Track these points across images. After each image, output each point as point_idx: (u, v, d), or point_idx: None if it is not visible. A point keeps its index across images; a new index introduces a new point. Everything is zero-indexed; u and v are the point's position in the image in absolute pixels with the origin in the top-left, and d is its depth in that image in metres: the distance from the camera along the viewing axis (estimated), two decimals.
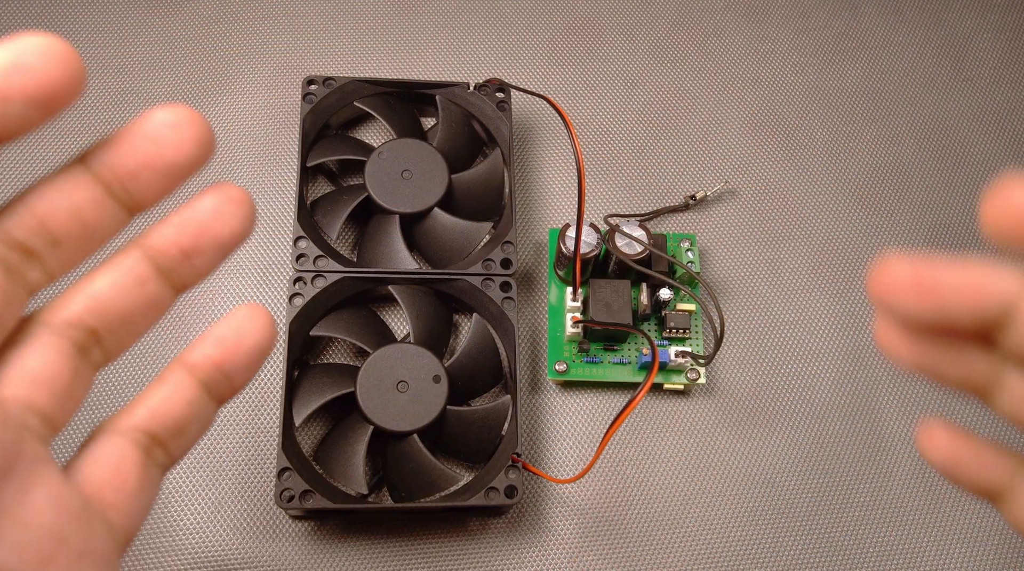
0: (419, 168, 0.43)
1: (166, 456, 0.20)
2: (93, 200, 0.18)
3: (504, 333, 0.41)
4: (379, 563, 0.39)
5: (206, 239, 0.19)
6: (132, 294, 0.19)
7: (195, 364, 0.20)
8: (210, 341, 0.20)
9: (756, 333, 0.45)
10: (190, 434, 0.20)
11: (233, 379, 0.20)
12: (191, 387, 0.20)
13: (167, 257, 0.19)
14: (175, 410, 0.19)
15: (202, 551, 0.39)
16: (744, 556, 0.41)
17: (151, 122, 0.18)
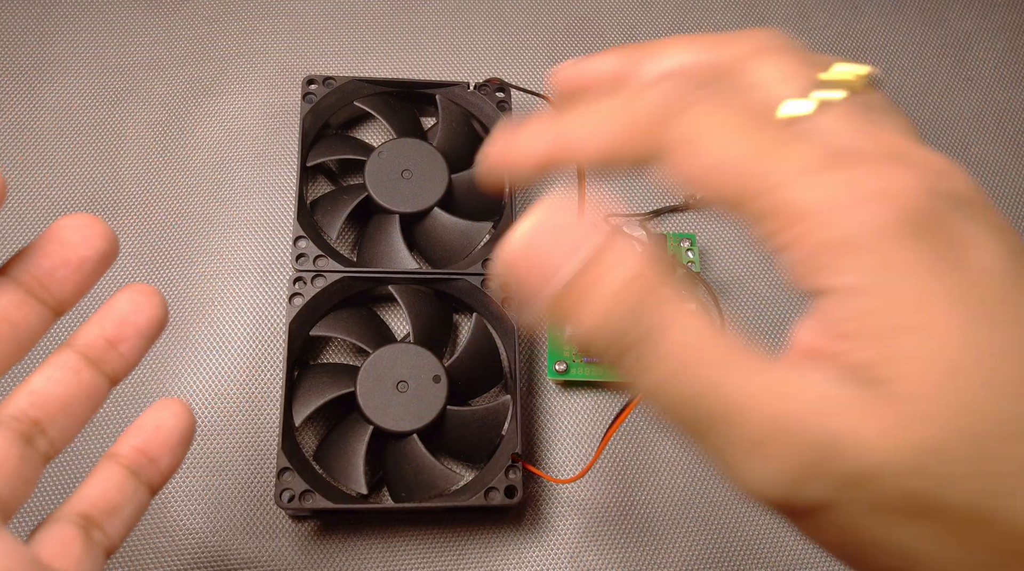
0: (419, 168, 0.43)
1: (104, 537, 0.22)
2: (17, 302, 0.20)
3: (504, 333, 0.41)
4: (379, 563, 0.39)
5: (127, 328, 0.22)
6: (68, 385, 0.21)
7: (120, 454, 0.23)
8: (132, 432, 0.23)
9: (756, 333, 0.45)
10: (124, 515, 0.23)
11: (159, 463, 0.23)
12: (119, 474, 0.22)
13: (95, 349, 0.22)
14: (106, 494, 0.22)
15: (202, 551, 0.39)
16: (744, 556, 0.41)
17: (59, 229, 0.21)
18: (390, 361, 0.39)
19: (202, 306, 0.44)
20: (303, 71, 0.46)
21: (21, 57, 0.48)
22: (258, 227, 0.45)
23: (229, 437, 0.41)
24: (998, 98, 0.52)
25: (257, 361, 0.43)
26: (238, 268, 0.44)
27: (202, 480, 0.40)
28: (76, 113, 0.47)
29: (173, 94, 0.48)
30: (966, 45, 0.54)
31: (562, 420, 0.43)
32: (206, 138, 0.47)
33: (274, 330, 0.43)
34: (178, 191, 0.46)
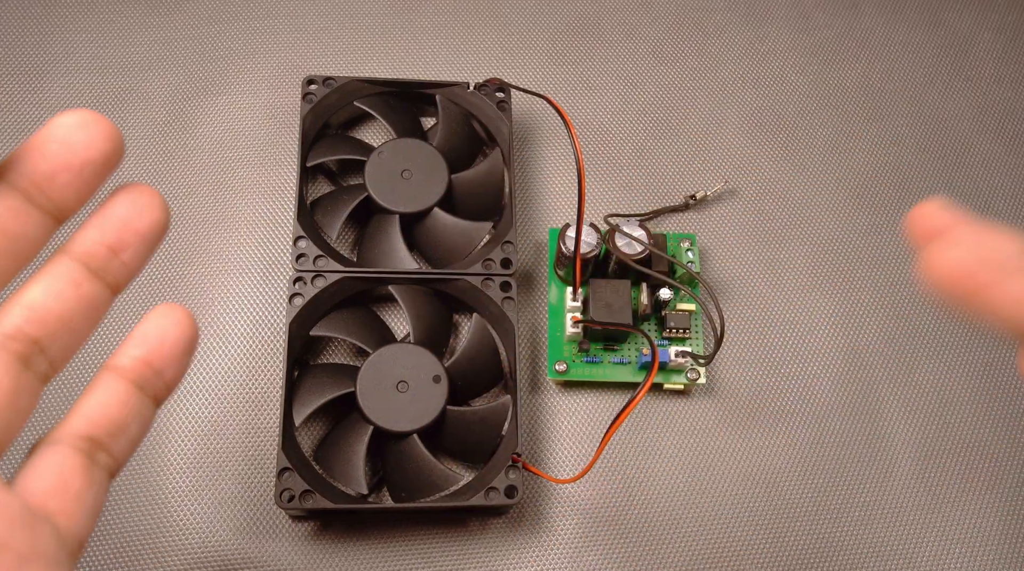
0: (419, 168, 0.43)
1: (109, 458, 0.20)
2: (14, 210, 0.18)
3: (504, 333, 0.41)
4: (379, 563, 0.39)
5: (129, 233, 0.20)
6: (68, 298, 0.19)
7: (123, 366, 0.20)
8: (134, 342, 0.21)
9: (756, 333, 0.45)
10: (130, 434, 0.20)
11: (164, 375, 0.21)
12: (123, 388, 0.20)
13: (95, 257, 0.20)
14: (111, 412, 0.20)
15: (202, 551, 0.39)
16: (744, 556, 0.41)
17: (58, 127, 0.19)
18: (390, 361, 0.39)
19: (202, 306, 0.44)
20: (303, 71, 0.46)
21: (21, 57, 0.48)
22: (258, 227, 0.45)
23: (229, 437, 0.41)
24: (998, 98, 0.52)
25: (257, 361, 0.43)
26: (238, 268, 0.44)
27: (202, 480, 0.40)
28: None
29: (173, 94, 0.48)
30: (966, 45, 0.54)
31: (562, 420, 0.43)
32: (206, 138, 0.47)
33: (274, 330, 0.43)
34: (178, 191, 0.46)
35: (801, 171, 0.49)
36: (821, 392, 0.44)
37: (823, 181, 0.49)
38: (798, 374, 0.44)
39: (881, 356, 0.45)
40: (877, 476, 0.43)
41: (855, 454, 0.43)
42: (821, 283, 0.47)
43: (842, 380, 0.44)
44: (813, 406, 0.44)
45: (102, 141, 0.19)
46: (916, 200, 0.51)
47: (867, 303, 0.46)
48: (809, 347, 0.45)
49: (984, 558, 0.41)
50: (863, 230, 0.48)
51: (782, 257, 0.47)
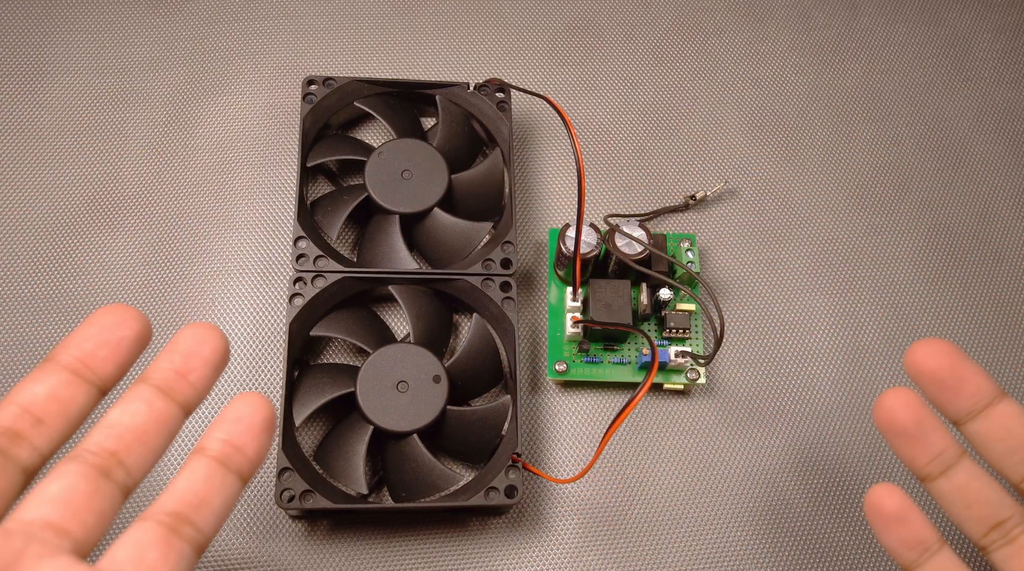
0: (419, 168, 0.43)
1: (194, 530, 0.22)
2: (64, 382, 0.22)
3: (504, 333, 0.41)
4: (379, 563, 0.39)
5: (194, 359, 0.23)
6: (142, 415, 0.22)
7: (207, 447, 0.23)
8: (219, 425, 0.23)
9: (756, 333, 0.45)
10: (215, 506, 0.23)
11: (245, 451, 0.23)
12: (208, 465, 0.23)
13: (166, 380, 0.23)
14: (195, 487, 0.22)
15: None
16: (744, 556, 0.41)
17: (97, 316, 0.23)
18: (390, 361, 0.39)
19: (202, 306, 0.44)
20: (303, 71, 0.46)
21: (21, 57, 0.48)
22: (258, 227, 0.45)
23: None
24: (998, 98, 0.52)
25: (257, 361, 0.43)
26: (238, 268, 0.45)
27: None
28: (77, 113, 0.47)
29: (173, 94, 0.48)
30: (966, 45, 0.54)
31: (562, 420, 0.43)
32: (206, 138, 0.47)
33: (274, 330, 0.43)
34: (178, 191, 0.46)
35: (801, 171, 0.49)
36: (821, 392, 0.44)
37: (823, 181, 0.49)
38: (798, 374, 0.44)
39: (881, 356, 0.45)
40: (876, 476, 0.43)
41: (855, 454, 0.43)
42: (821, 283, 0.47)
43: (842, 380, 0.44)
44: (813, 406, 0.44)
45: (133, 323, 0.23)
46: (916, 200, 0.52)
47: (867, 303, 0.46)
48: (809, 347, 0.45)
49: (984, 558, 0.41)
50: (863, 230, 0.48)
51: (782, 257, 0.47)
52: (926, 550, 0.27)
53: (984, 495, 0.26)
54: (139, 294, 0.43)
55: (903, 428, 0.26)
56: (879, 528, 0.27)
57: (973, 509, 0.26)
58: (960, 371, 0.25)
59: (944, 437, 0.26)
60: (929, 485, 0.27)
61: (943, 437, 0.26)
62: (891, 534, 0.27)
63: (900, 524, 0.27)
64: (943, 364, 0.25)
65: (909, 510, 0.27)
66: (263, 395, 0.24)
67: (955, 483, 0.26)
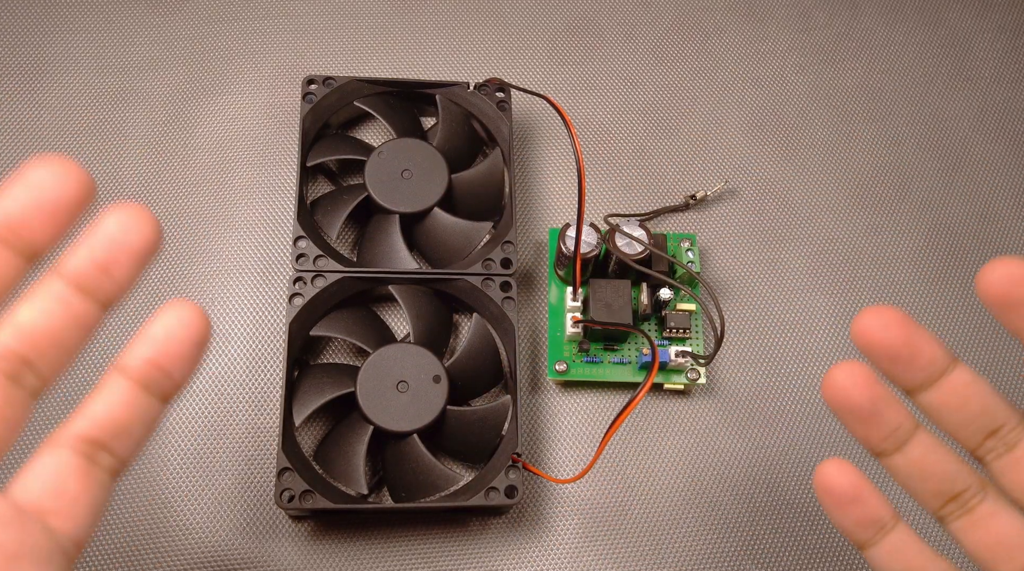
0: (419, 168, 0.43)
1: (112, 458, 0.20)
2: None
3: (504, 333, 0.41)
4: (379, 563, 0.39)
5: (119, 251, 0.20)
6: (58, 315, 0.19)
7: (129, 366, 0.20)
8: (142, 341, 0.21)
9: (756, 333, 0.45)
10: (135, 434, 0.21)
11: (172, 374, 0.21)
12: (129, 389, 0.20)
13: (86, 275, 0.20)
14: (114, 413, 0.20)
15: (202, 551, 0.39)
16: (744, 556, 0.41)
17: (31, 173, 0.19)
18: (390, 361, 0.39)
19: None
20: (303, 71, 0.46)
21: (21, 57, 0.48)
22: (258, 227, 0.45)
23: (229, 437, 0.41)
24: (998, 98, 0.52)
25: (257, 361, 0.43)
26: (238, 268, 0.44)
27: (202, 480, 0.40)
28: (76, 113, 0.47)
29: (173, 94, 0.48)
30: (966, 45, 0.54)
31: (562, 420, 0.43)
32: (206, 138, 0.47)
33: (274, 330, 0.43)
34: (178, 191, 0.46)
35: (801, 171, 0.49)
36: (821, 392, 0.44)
37: (823, 181, 0.49)
38: (798, 374, 0.44)
39: None
40: (876, 476, 0.42)
41: (855, 454, 0.43)
42: (821, 283, 0.47)
43: None
44: (813, 406, 0.44)
45: (75, 185, 0.19)
46: (916, 200, 0.52)
47: (867, 303, 0.46)
48: (809, 347, 0.45)
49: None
50: (863, 230, 0.48)
51: (782, 257, 0.47)
52: (881, 528, 0.26)
53: (941, 468, 0.25)
54: (139, 294, 0.43)
55: (856, 407, 0.24)
56: (831, 508, 0.25)
57: (930, 483, 0.25)
58: (914, 342, 0.24)
59: (899, 412, 0.25)
60: (884, 461, 0.26)
61: (898, 412, 0.25)
62: (844, 514, 0.26)
63: (853, 504, 0.25)
64: (896, 335, 0.24)
65: (863, 488, 0.25)
66: (196, 305, 0.21)
67: (911, 458, 0.25)
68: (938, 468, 0.25)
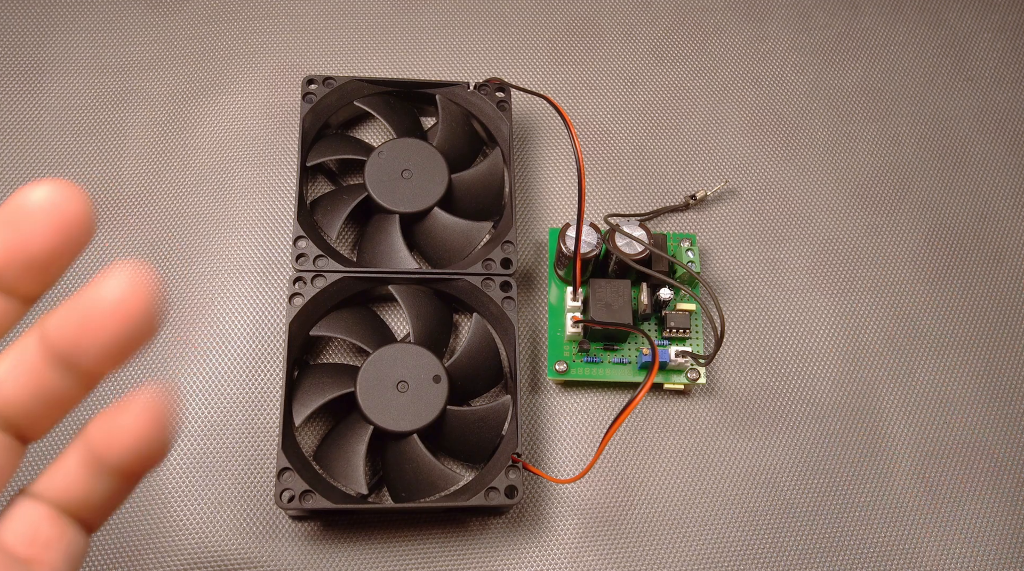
0: (419, 168, 0.43)
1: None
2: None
3: (504, 333, 0.41)
4: (379, 563, 0.39)
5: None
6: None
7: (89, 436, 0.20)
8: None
9: (756, 333, 0.45)
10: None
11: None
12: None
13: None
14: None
15: (202, 551, 0.39)
16: (744, 556, 0.41)
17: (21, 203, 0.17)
18: (390, 361, 0.39)
19: (202, 306, 0.44)
20: (303, 71, 0.46)
21: (21, 57, 0.48)
22: (258, 227, 0.45)
23: (229, 437, 0.41)
24: (998, 98, 0.52)
25: (257, 361, 0.43)
26: (238, 268, 0.44)
27: (202, 480, 0.40)
28: (76, 113, 0.47)
29: (173, 94, 0.48)
30: (966, 45, 0.54)
31: (562, 420, 0.43)
32: (206, 138, 0.47)
33: (274, 330, 0.43)
34: (178, 191, 0.46)
35: (801, 171, 0.49)
36: (821, 392, 0.44)
37: (823, 181, 0.49)
38: (798, 374, 0.44)
39: (881, 356, 0.45)
40: (877, 476, 0.43)
41: (855, 454, 0.43)
42: (821, 283, 0.47)
43: (842, 380, 0.44)
44: (813, 406, 0.44)
45: (59, 232, 0.18)
46: (916, 200, 0.52)
47: (867, 303, 0.46)
48: (809, 347, 0.45)
49: (985, 558, 0.41)
50: (863, 230, 0.48)
51: (782, 257, 0.47)
52: None
53: None
54: None
55: None
56: None
57: None
58: None
59: None
60: None
61: None
62: None
63: None
64: None
65: None
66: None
67: None
68: None
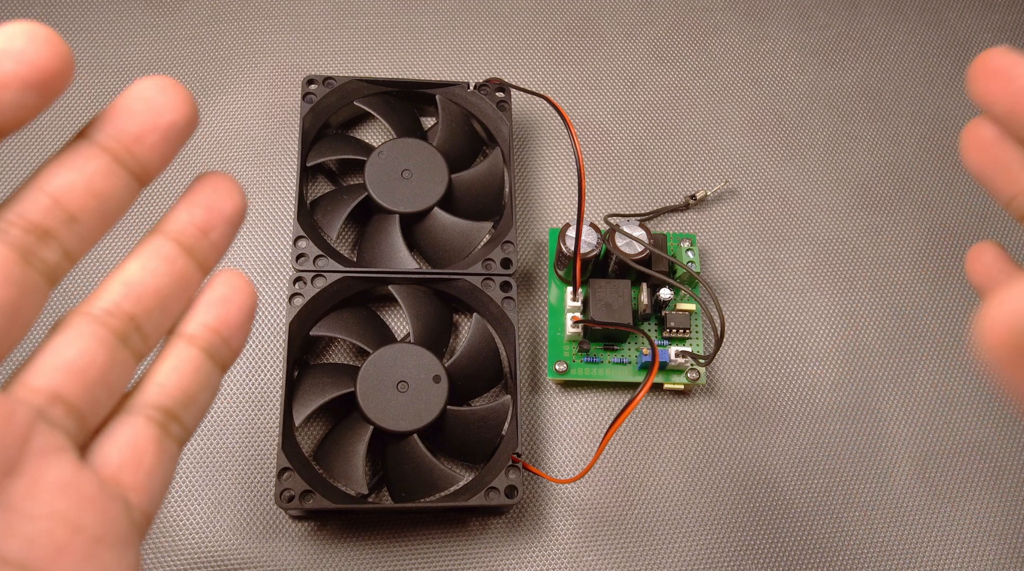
0: (419, 168, 0.43)
1: (181, 428, 0.20)
2: (104, 171, 0.18)
3: (504, 333, 0.41)
4: (379, 563, 0.39)
5: (216, 214, 0.21)
6: (164, 275, 0.19)
7: (193, 333, 0.20)
8: (203, 309, 0.21)
9: (756, 333, 0.45)
10: (201, 403, 0.20)
11: (231, 342, 0.21)
12: (196, 356, 0.20)
13: (187, 235, 0.20)
14: (184, 381, 0.20)
15: (202, 551, 0.39)
16: (744, 556, 0.41)
17: (143, 90, 0.19)
18: (390, 361, 0.39)
19: None
20: (303, 71, 0.46)
21: None
22: (258, 227, 0.45)
23: (229, 437, 0.41)
24: None
25: (257, 361, 0.43)
26: (238, 267, 0.44)
27: (202, 480, 0.40)
28: (77, 113, 0.47)
29: None
30: (966, 45, 0.54)
31: (562, 420, 0.43)
32: (206, 138, 0.47)
33: (274, 330, 0.43)
34: (178, 191, 0.46)
35: (801, 171, 0.49)
36: (821, 392, 0.44)
37: (823, 181, 0.49)
38: (798, 374, 0.44)
39: (881, 356, 0.45)
40: (877, 476, 0.43)
41: (855, 454, 0.43)
42: (821, 283, 0.47)
43: (842, 380, 0.44)
44: (813, 406, 0.44)
45: (183, 105, 0.19)
46: (916, 200, 0.52)
47: (867, 303, 0.46)
48: (809, 347, 0.45)
49: (985, 558, 0.41)
50: (863, 230, 0.48)
51: (782, 257, 0.47)
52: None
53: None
54: None
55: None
56: (985, 89, 0.20)
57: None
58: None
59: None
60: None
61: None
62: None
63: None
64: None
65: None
66: (244, 275, 0.22)
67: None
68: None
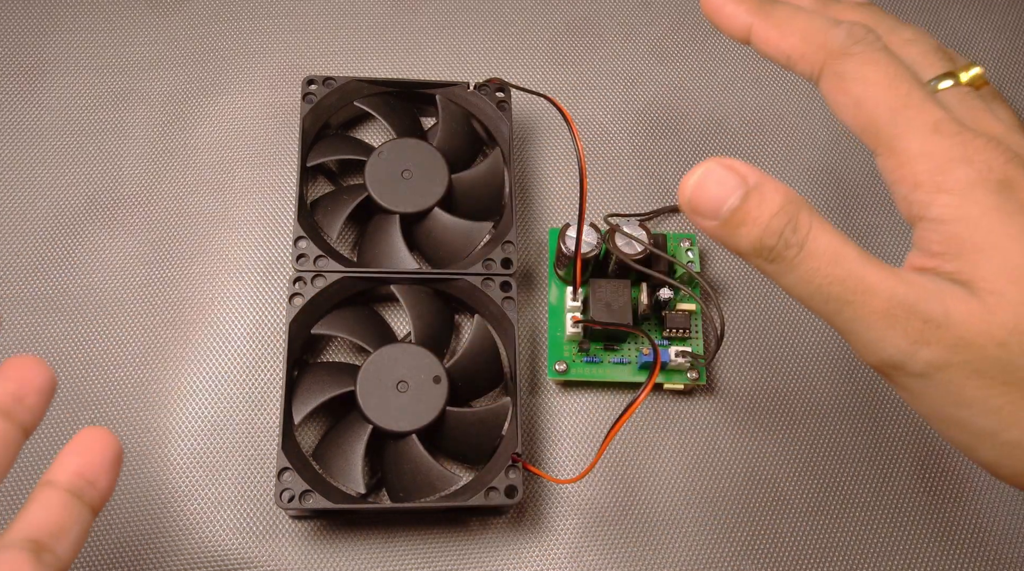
0: (419, 168, 0.43)
1: (55, 559, 0.23)
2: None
3: (504, 333, 0.41)
4: (379, 563, 0.39)
5: (27, 386, 0.24)
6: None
7: (57, 479, 0.24)
8: (65, 458, 0.25)
9: (756, 333, 0.45)
10: (73, 536, 0.24)
11: (97, 483, 0.24)
12: (61, 496, 0.24)
13: (3, 403, 0.24)
14: (52, 517, 0.23)
15: (202, 551, 0.39)
16: (744, 556, 0.41)
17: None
18: (391, 361, 0.39)
19: (202, 306, 0.44)
20: (303, 71, 0.46)
21: (21, 57, 0.48)
22: (258, 227, 0.45)
23: (229, 437, 0.41)
24: None
25: (257, 361, 0.43)
26: (238, 268, 0.44)
27: (202, 480, 0.40)
28: (76, 113, 0.47)
29: (173, 94, 0.48)
30: (966, 45, 0.54)
31: (562, 420, 0.43)
32: (206, 138, 0.47)
33: (274, 330, 0.43)
34: (178, 191, 0.46)
35: (801, 171, 0.49)
36: (821, 392, 0.44)
37: (823, 181, 0.49)
38: (798, 374, 0.44)
39: None
40: (877, 476, 0.43)
41: (855, 454, 0.43)
42: None
43: (842, 380, 0.44)
44: (813, 406, 0.44)
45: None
46: None
47: None
48: (809, 347, 0.45)
49: (984, 558, 0.41)
50: (863, 230, 0.48)
51: None
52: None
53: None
54: (139, 293, 0.43)
55: None
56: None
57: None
58: None
59: None
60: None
61: None
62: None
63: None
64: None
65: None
66: (107, 429, 0.25)
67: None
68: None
